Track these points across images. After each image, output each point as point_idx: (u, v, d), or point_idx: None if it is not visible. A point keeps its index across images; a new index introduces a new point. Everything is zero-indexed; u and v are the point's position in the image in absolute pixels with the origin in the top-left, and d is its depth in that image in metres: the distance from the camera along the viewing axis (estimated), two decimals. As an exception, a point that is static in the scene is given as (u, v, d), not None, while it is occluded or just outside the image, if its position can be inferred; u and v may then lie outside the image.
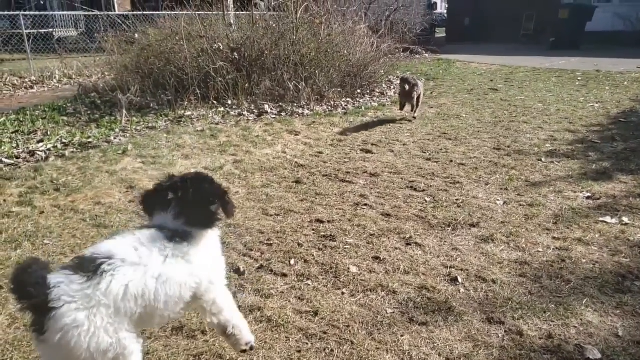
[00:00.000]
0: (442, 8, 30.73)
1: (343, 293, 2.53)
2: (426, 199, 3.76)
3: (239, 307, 2.38)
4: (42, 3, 33.42)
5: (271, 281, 2.65)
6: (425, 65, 12.19)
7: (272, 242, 3.09)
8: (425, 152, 5.00)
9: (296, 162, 4.71)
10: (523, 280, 2.60)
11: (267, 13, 8.64)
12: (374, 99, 7.81)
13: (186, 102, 6.88)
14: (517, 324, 2.24)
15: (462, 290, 2.53)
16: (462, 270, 2.72)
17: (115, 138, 5.47)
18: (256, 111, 6.73)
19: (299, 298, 2.49)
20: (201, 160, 4.78)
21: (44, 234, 3.22)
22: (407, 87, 6.17)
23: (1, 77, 10.91)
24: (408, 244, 3.05)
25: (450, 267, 2.75)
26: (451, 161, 4.67)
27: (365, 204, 3.67)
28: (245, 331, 1.94)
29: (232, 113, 6.66)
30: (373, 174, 4.34)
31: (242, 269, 2.74)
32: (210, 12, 8.38)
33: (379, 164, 4.63)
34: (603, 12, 15.23)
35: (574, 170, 4.33)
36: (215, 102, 7.03)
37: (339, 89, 7.51)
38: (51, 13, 21.56)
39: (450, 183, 4.10)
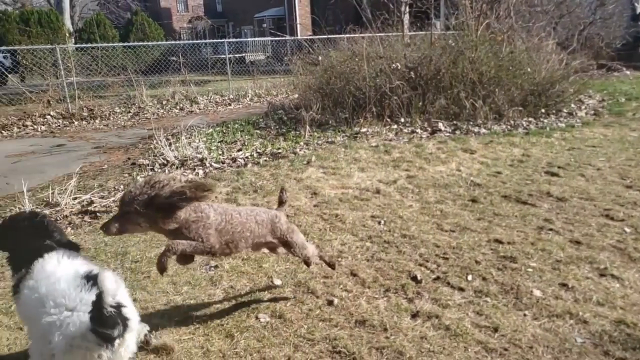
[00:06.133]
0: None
1: (525, 315, 2.43)
2: (625, 229, 3.36)
3: (417, 312, 2.48)
4: (239, 31, 38.60)
5: (448, 293, 2.68)
6: (626, 83, 10.76)
7: (448, 257, 3.11)
8: (624, 179, 4.46)
9: (472, 181, 4.63)
10: None
11: (446, 32, 8.66)
12: (561, 119, 7.20)
13: (362, 120, 7.27)
14: None
15: (672, 332, 2.22)
16: (672, 311, 2.39)
17: (300, 150, 6.06)
18: (429, 129, 6.78)
19: (477, 313, 2.47)
20: (375, 174, 5.01)
21: (246, 227, 3.74)
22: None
23: (207, 96, 12.85)
24: (602, 275, 2.78)
25: (657, 306, 2.43)
26: (658, 190, 4.09)
27: (551, 229, 3.44)
28: None
29: (405, 130, 6.82)
30: (560, 199, 4.03)
31: (419, 277, 2.82)
32: (390, 34, 8.74)
33: (566, 188, 4.28)
34: None
35: None
36: (388, 119, 7.28)
37: (520, 108, 7.13)
38: (247, 40, 24.79)
39: (657, 214, 3.59)
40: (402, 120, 7.19)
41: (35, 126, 9.75)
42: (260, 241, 2.31)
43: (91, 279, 1.70)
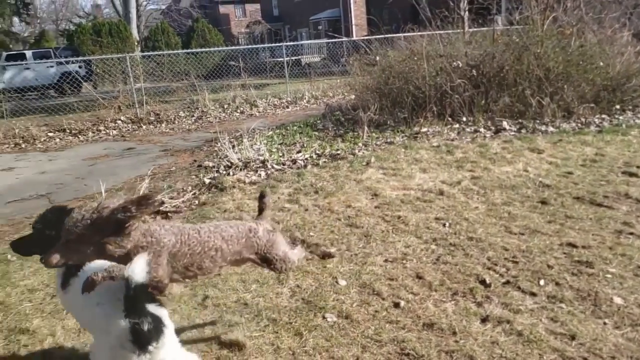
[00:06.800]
0: None
1: (605, 323, 2.31)
2: None
3: (487, 316, 2.42)
4: (295, 34, 39.18)
5: (519, 297, 2.59)
6: None
7: (517, 260, 3.01)
8: None
9: (541, 182, 4.44)
10: None
11: (510, 27, 8.36)
12: (639, 115, 6.75)
13: (421, 119, 7.17)
14: None
15: None
16: None
17: (359, 151, 6.05)
18: (493, 128, 6.58)
19: (552, 319, 2.37)
20: (438, 175, 4.92)
21: (309, 227, 3.80)
22: None
23: (266, 99, 13.12)
24: (691, 283, 2.59)
25: None
26: None
27: (631, 233, 3.24)
28: None
29: (467, 130, 6.65)
30: (640, 200, 3.79)
31: (487, 281, 2.75)
32: (450, 31, 8.56)
33: (647, 189, 4.02)
34: None
35: None
36: (449, 119, 7.13)
37: (592, 105, 6.75)
38: (304, 42, 25.12)
39: None
40: (464, 119, 7.02)
41: (107, 130, 10.41)
42: (235, 258, 2.03)
43: None
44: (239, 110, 11.97)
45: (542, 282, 2.72)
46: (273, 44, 20.11)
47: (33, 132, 9.96)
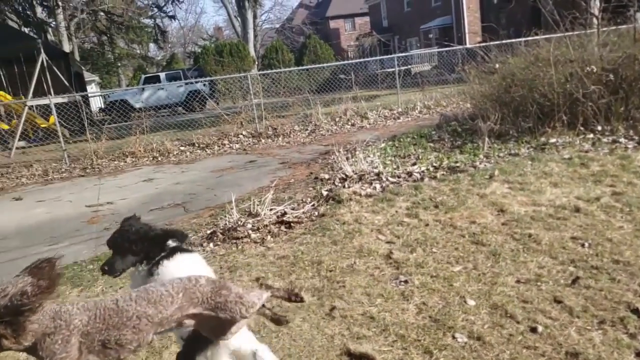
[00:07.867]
0: None
1: None
2: None
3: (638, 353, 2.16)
4: (405, 44, 38.91)
5: (684, 333, 2.28)
6: None
7: (678, 289, 2.65)
8: None
9: (702, 199, 3.88)
10: None
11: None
12: None
13: (549, 129, 6.66)
14: None
15: None
16: None
17: (480, 163, 5.79)
18: (636, 137, 5.89)
19: None
20: (572, 190, 4.53)
21: (431, 243, 3.72)
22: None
23: (376, 110, 13.17)
24: None
25: None
26: None
27: None
28: None
29: (604, 140, 6.04)
30: None
31: (642, 311, 2.46)
32: (580, 32, 7.87)
33: None
34: None
35: None
36: (582, 128, 6.54)
37: None
38: (416, 52, 24.87)
39: None
40: (600, 128, 6.38)
41: (230, 144, 11.21)
42: (177, 317, 1.71)
43: None
44: (349, 123, 12.16)
45: None
46: (384, 56, 20.22)
47: (167, 146, 11.08)
